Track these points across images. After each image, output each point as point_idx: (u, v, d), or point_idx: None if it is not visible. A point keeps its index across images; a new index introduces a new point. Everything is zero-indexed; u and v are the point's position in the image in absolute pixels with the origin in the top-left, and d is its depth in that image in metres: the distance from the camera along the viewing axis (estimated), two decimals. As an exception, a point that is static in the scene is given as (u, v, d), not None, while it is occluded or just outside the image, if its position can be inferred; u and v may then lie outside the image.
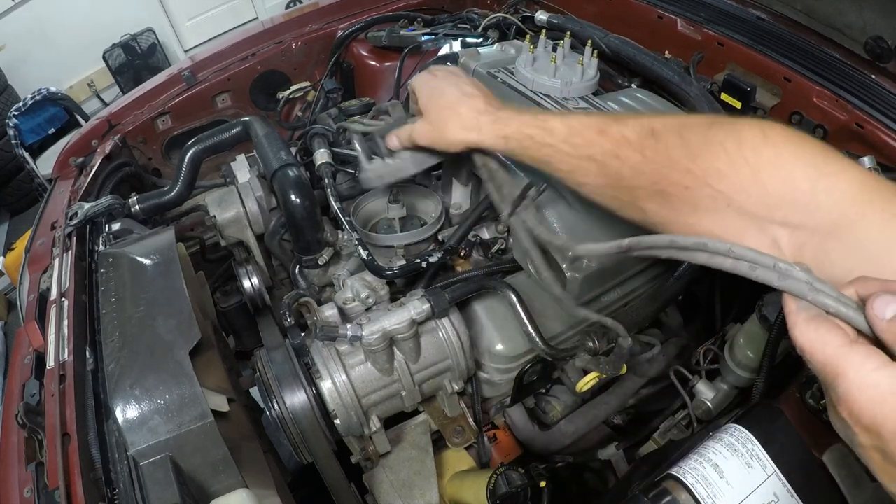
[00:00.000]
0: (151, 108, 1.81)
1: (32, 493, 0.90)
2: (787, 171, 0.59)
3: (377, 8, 2.12)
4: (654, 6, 1.67)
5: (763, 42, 1.46)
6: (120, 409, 0.82)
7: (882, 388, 0.40)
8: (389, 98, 1.83)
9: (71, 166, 1.61)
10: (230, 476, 0.86)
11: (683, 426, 1.27)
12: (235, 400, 1.03)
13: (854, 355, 0.42)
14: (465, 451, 1.25)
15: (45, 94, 3.93)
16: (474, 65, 1.43)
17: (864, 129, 1.24)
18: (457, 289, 1.10)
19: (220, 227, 1.36)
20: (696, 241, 0.51)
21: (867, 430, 0.42)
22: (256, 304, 1.29)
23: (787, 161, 0.59)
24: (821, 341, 0.44)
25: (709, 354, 1.29)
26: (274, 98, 2.01)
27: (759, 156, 0.60)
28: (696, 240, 0.51)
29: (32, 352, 1.12)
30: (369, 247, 1.18)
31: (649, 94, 1.34)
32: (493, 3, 2.13)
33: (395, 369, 1.08)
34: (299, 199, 1.21)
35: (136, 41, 5.07)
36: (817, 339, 0.44)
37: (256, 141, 1.36)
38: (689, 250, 0.52)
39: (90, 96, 5.27)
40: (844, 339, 0.43)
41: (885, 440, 0.40)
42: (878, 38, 1.34)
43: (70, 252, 1.23)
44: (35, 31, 4.81)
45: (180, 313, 0.95)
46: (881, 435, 0.41)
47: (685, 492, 0.79)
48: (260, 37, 2.02)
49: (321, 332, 1.02)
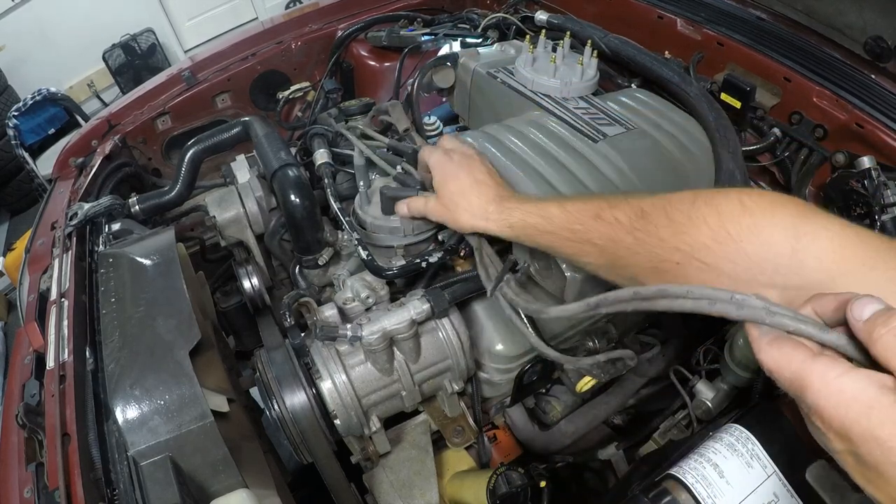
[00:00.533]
0: (151, 109, 1.81)
1: (32, 494, 0.90)
2: (766, 237, 0.62)
3: (377, 8, 2.12)
4: (654, 6, 1.67)
5: (763, 42, 1.46)
6: (120, 409, 0.82)
7: (847, 393, 0.42)
8: (389, 98, 1.83)
9: (71, 166, 1.61)
10: (230, 476, 0.86)
11: (683, 426, 1.27)
12: (235, 400, 1.03)
13: (817, 366, 0.44)
14: (465, 451, 1.25)
15: (45, 95, 3.93)
16: (474, 65, 1.43)
17: (864, 129, 1.24)
18: (457, 289, 1.10)
19: (220, 227, 1.36)
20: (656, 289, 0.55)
21: (839, 436, 0.44)
22: (256, 304, 1.29)
23: (764, 228, 0.62)
24: (785, 359, 0.46)
25: (709, 354, 1.29)
26: (274, 98, 2.01)
27: (739, 226, 0.63)
28: (656, 289, 0.55)
29: (32, 352, 1.12)
30: (369, 247, 1.18)
31: (649, 94, 1.34)
32: (493, 3, 2.13)
33: (395, 369, 1.08)
34: (299, 199, 1.21)
35: (136, 41, 5.08)
36: (781, 358, 0.47)
37: (256, 141, 1.36)
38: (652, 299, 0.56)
39: (90, 96, 5.27)
40: (807, 354, 0.46)
41: (855, 443, 0.42)
42: (878, 38, 1.34)
43: (70, 252, 1.23)
44: (35, 31, 4.81)
45: (180, 313, 0.95)
46: (851, 439, 0.42)
47: (685, 492, 0.79)
48: (260, 37, 2.02)
49: (321, 333, 1.02)
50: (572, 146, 1.15)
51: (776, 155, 1.40)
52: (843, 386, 0.42)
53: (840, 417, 0.42)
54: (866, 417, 0.41)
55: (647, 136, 1.20)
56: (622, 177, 1.10)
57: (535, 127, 1.19)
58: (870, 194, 1.18)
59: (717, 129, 1.21)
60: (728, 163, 1.15)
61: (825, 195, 1.32)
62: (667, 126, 1.23)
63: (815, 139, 1.34)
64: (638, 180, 1.11)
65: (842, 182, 1.26)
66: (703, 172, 1.18)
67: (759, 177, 1.45)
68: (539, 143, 1.15)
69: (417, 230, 1.19)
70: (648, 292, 0.56)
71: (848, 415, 0.42)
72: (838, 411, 0.42)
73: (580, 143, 1.15)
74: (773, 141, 1.38)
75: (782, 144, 1.39)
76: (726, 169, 1.15)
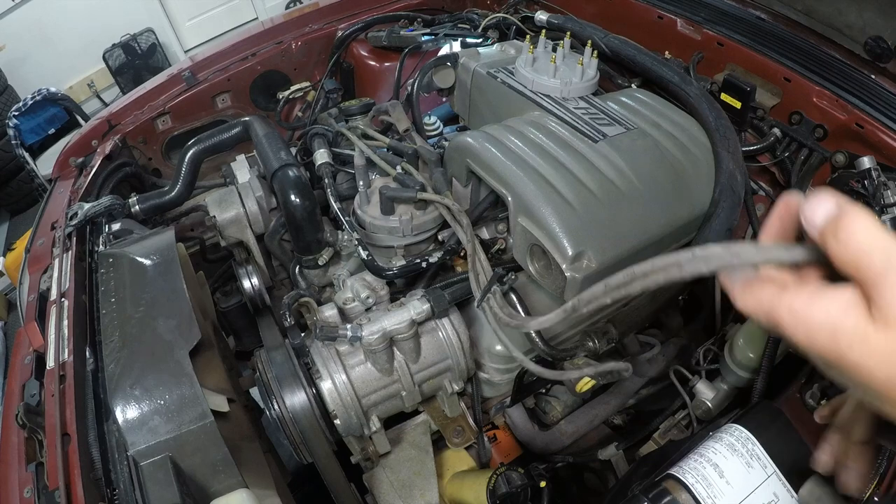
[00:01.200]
0: (151, 109, 1.81)
1: (32, 494, 0.90)
2: None
3: (377, 8, 2.12)
4: (654, 6, 1.67)
5: (763, 42, 1.46)
6: (120, 409, 0.82)
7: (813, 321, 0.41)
8: (389, 98, 1.83)
9: (71, 166, 1.61)
10: (230, 476, 0.86)
11: (683, 426, 1.27)
12: (235, 400, 1.03)
13: (784, 300, 0.43)
14: (465, 451, 1.25)
15: (45, 95, 3.93)
16: (474, 65, 1.43)
17: (865, 129, 1.24)
18: (457, 289, 1.10)
19: (220, 227, 1.36)
20: (624, 274, 0.54)
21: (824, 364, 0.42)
22: (256, 304, 1.29)
23: None
24: (756, 301, 0.45)
25: (709, 354, 1.29)
26: (274, 98, 2.01)
27: None
28: (624, 274, 0.54)
29: (32, 352, 1.12)
30: (369, 247, 1.19)
31: (649, 94, 1.34)
32: (493, 3, 2.13)
33: (395, 369, 1.08)
34: (299, 199, 1.21)
35: (136, 41, 5.07)
36: (753, 301, 0.45)
37: (256, 141, 1.36)
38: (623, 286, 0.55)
39: (90, 96, 5.26)
40: (774, 290, 0.44)
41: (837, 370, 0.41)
42: (878, 38, 1.34)
43: (70, 252, 1.23)
44: (35, 31, 4.81)
45: (180, 313, 0.95)
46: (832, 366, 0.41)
47: (685, 492, 0.79)
48: (260, 37, 2.02)
49: (321, 333, 1.02)
50: (572, 146, 1.15)
51: (776, 155, 1.40)
52: (808, 315, 0.41)
53: (815, 348, 0.41)
54: (835, 344, 0.39)
55: (647, 136, 1.20)
56: (622, 177, 1.10)
57: (535, 127, 1.19)
58: (870, 194, 1.18)
59: (717, 129, 1.21)
60: (728, 163, 1.15)
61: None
62: (667, 126, 1.23)
63: (815, 139, 1.34)
64: (638, 180, 1.11)
65: (842, 182, 1.26)
66: (703, 172, 1.18)
67: (759, 177, 1.45)
68: (539, 143, 1.15)
69: (417, 230, 1.19)
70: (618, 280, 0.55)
71: (818, 344, 0.40)
72: (810, 342, 0.41)
73: (580, 143, 1.15)
74: (773, 141, 1.38)
75: (782, 144, 1.39)
76: (726, 169, 1.15)
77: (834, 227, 0.39)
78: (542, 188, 1.06)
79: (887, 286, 0.36)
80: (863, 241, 0.38)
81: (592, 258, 1.00)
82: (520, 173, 1.08)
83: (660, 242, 1.10)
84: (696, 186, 1.16)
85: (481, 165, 1.14)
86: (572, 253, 0.99)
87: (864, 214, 0.39)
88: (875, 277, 0.37)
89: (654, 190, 1.11)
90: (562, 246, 0.99)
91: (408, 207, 1.21)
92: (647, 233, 1.08)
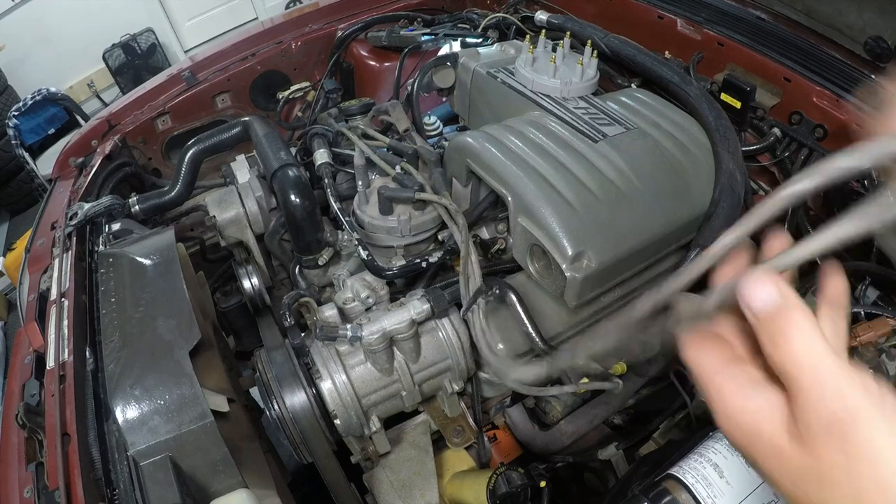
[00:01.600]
0: (151, 109, 1.81)
1: (32, 493, 0.90)
2: None
3: (377, 8, 2.12)
4: (654, 6, 1.67)
5: (763, 42, 1.46)
6: (120, 409, 0.82)
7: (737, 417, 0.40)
8: (389, 98, 1.83)
9: (71, 166, 1.61)
10: (230, 476, 0.86)
11: (683, 426, 1.27)
12: (235, 400, 1.03)
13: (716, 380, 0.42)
14: (465, 451, 1.25)
15: (45, 95, 3.93)
16: (474, 65, 1.43)
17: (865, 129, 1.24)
18: (457, 289, 1.10)
19: (220, 227, 1.36)
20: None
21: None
22: (256, 304, 1.29)
23: None
24: (696, 362, 0.44)
25: (709, 354, 1.29)
26: (274, 98, 2.01)
27: None
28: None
29: (32, 352, 1.12)
30: (369, 247, 1.18)
31: (649, 94, 1.34)
32: (493, 3, 2.13)
33: (395, 369, 1.08)
34: (299, 199, 1.21)
35: (136, 41, 5.07)
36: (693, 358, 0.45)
37: (256, 141, 1.36)
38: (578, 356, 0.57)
39: (90, 96, 5.26)
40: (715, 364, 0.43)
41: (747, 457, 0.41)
42: (878, 38, 1.34)
43: (70, 252, 1.23)
44: (35, 31, 4.81)
45: (180, 313, 0.95)
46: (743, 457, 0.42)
47: (685, 492, 0.79)
48: (260, 37, 2.02)
49: (321, 333, 1.02)
50: (572, 146, 1.15)
51: (776, 155, 1.40)
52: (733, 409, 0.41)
53: (732, 442, 0.42)
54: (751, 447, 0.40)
55: (647, 135, 1.20)
56: (622, 177, 1.10)
57: (535, 127, 1.19)
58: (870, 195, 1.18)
59: (717, 129, 1.21)
60: (728, 163, 1.15)
61: (825, 196, 1.32)
62: (667, 126, 1.23)
63: (815, 139, 1.34)
64: (638, 180, 1.11)
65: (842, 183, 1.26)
66: (703, 172, 1.18)
67: (759, 177, 1.45)
68: (539, 143, 1.15)
69: (416, 230, 1.19)
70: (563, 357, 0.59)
71: (735, 441, 0.41)
72: (730, 435, 0.41)
73: (580, 143, 1.15)
74: (773, 141, 1.38)
75: (782, 144, 1.39)
76: (726, 169, 1.15)
77: (771, 328, 0.38)
78: (542, 188, 1.06)
79: (809, 404, 0.36)
80: (797, 350, 0.37)
81: (592, 258, 1.00)
82: (520, 173, 1.08)
83: (660, 242, 1.10)
84: (696, 186, 1.16)
85: (481, 165, 1.14)
86: (572, 253, 0.99)
87: (804, 319, 0.37)
88: (798, 393, 0.37)
89: (654, 190, 1.11)
90: (562, 246, 1.00)
91: (406, 207, 1.21)
92: (647, 233, 1.08)
